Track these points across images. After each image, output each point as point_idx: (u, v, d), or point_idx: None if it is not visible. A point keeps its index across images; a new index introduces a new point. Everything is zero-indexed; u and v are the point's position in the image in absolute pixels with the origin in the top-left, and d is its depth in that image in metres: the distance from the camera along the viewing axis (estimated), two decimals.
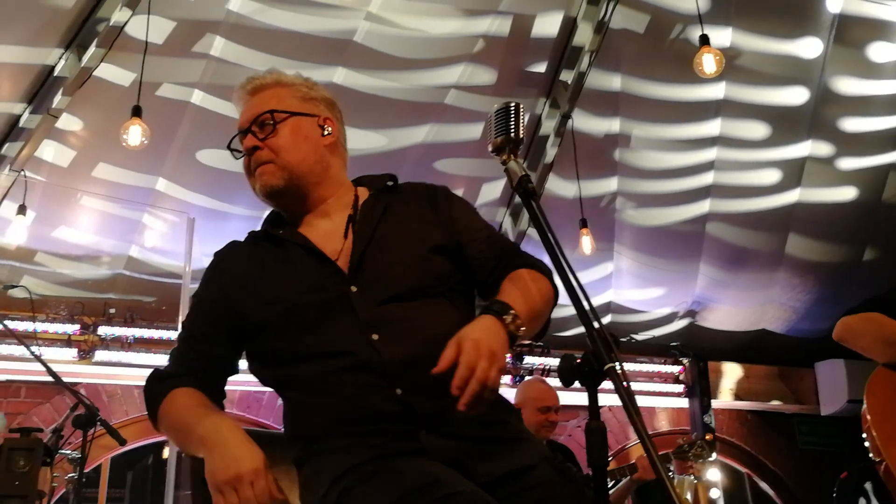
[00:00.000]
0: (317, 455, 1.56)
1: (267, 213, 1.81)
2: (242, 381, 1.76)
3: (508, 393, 2.63)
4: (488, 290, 1.67)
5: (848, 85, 5.95)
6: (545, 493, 1.49)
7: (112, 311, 5.45)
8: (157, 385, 1.66)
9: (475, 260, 1.70)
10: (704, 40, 4.65)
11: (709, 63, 4.60)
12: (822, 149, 6.18)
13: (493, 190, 5.89)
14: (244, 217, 5.29)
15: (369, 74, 5.05)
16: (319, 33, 4.91)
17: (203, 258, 5.33)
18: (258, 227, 1.80)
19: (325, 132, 1.76)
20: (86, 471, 3.66)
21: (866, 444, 2.51)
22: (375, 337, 1.55)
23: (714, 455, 6.76)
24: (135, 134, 4.24)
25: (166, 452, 5.38)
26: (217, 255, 1.79)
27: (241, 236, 1.80)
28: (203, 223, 5.08)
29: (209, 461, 1.47)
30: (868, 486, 3.44)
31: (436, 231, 1.71)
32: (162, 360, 5.35)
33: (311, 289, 1.62)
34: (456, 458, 1.49)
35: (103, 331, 5.40)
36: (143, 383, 1.70)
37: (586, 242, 5.60)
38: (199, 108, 4.97)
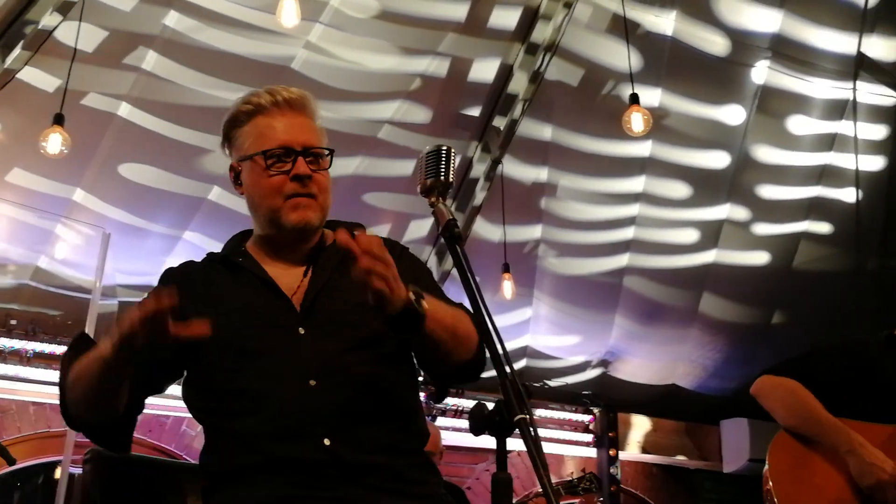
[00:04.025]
0: (229, 486, 1.53)
1: (185, 233, 1.78)
2: (146, 402, 1.72)
3: None
4: None
5: (766, 153, 6.18)
6: None
7: (13, 322, 5.22)
8: (66, 364, 1.63)
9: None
10: (634, 99, 4.77)
11: (637, 122, 4.71)
12: (739, 213, 6.38)
13: (420, 228, 5.90)
14: (163, 235, 5.15)
15: None
16: (256, 57, 4.87)
17: (116, 274, 5.17)
18: (176, 247, 1.77)
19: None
20: None
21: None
22: (313, 383, 1.53)
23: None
24: (54, 142, 4.12)
25: (58, 473, 5.15)
26: (169, 270, 1.75)
27: (159, 254, 1.77)
28: (119, 239, 4.92)
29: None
30: None
31: None
32: None
33: (259, 321, 1.59)
34: None
35: (1, 343, 5.16)
36: (40, 400, 1.67)
37: (507, 287, 5.63)
38: (125, 121, 4.85)
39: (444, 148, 1.52)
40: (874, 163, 6.40)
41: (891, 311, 6.05)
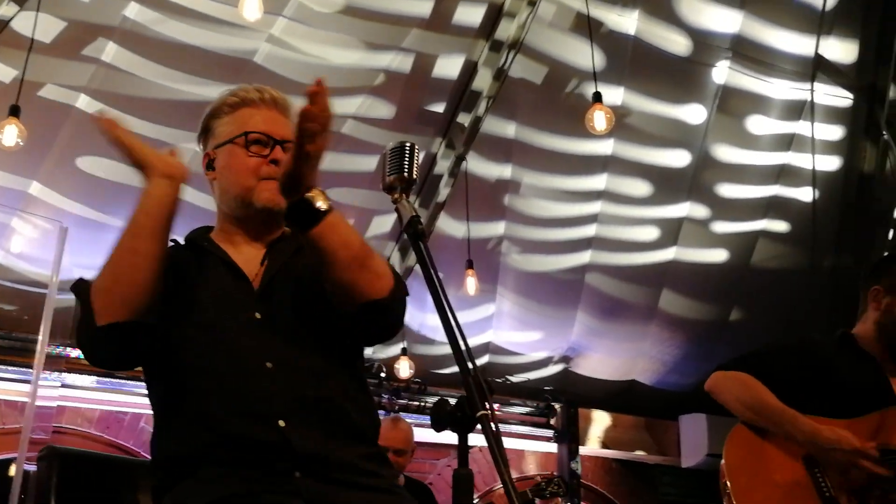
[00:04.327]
0: (182, 483, 1.52)
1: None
2: (103, 399, 1.71)
3: None
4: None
5: (726, 152, 6.27)
6: None
7: None
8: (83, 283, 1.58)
9: None
10: (597, 97, 4.80)
11: (599, 120, 4.74)
12: (699, 211, 6.46)
13: (383, 223, 5.89)
14: (122, 230, 5.06)
15: None
16: (218, 50, 4.82)
17: (73, 269, 5.09)
18: None
19: None
20: None
21: (723, 498, 2.61)
22: (270, 365, 1.56)
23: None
24: (10, 134, 4.04)
25: (12, 470, 5.06)
26: None
27: None
28: (77, 233, 4.84)
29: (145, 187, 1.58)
30: None
31: None
32: (19, 373, 5.10)
33: (221, 302, 1.63)
34: (326, 503, 1.48)
35: None
36: None
37: (471, 283, 5.65)
38: (83, 113, 4.78)
39: (408, 144, 1.52)
40: (830, 163, 6.52)
41: (845, 308, 6.17)
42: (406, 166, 1.50)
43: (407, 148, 1.51)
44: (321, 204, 1.49)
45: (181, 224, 1.84)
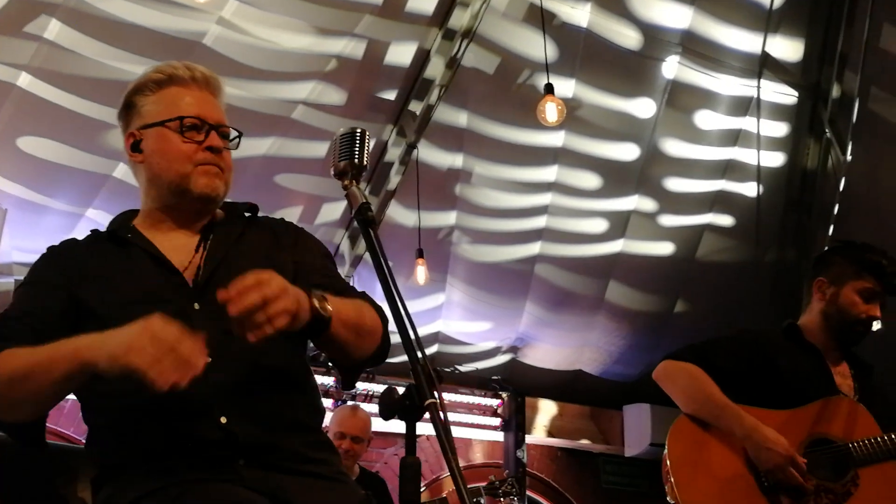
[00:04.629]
0: (121, 475, 1.48)
1: (87, 211, 1.72)
2: None
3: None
4: None
5: (674, 147, 6.35)
6: None
7: None
8: None
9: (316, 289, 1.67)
10: (549, 89, 4.82)
11: (551, 111, 4.77)
12: (647, 204, 6.55)
13: (333, 211, 5.85)
14: (64, 213, 4.96)
15: None
16: (166, 31, 4.72)
17: (13, 252, 4.97)
18: (79, 225, 1.71)
19: None
20: None
21: (665, 487, 2.65)
22: (209, 359, 1.47)
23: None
24: None
25: None
26: (53, 247, 1.68)
27: (59, 232, 1.71)
28: (17, 215, 4.73)
29: (108, 345, 1.36)
30: None
31: (287, 261, 1.67)
32: None
33: (151, 298, 1.54)
34: (273, 492, 1.46)
35: None
36: None
37: (421, 272, 5.65)
38: (25, 92, 4.65)
39: (359, 130, 1.52)
40: (775, 159, 6.66)
41: (786, 301, 6.31)
42: (357, 152, 1.50)
43: (358, 134, 1.51)
44: (324, 308, 1.46)
45: (125, 208, 1.79)
